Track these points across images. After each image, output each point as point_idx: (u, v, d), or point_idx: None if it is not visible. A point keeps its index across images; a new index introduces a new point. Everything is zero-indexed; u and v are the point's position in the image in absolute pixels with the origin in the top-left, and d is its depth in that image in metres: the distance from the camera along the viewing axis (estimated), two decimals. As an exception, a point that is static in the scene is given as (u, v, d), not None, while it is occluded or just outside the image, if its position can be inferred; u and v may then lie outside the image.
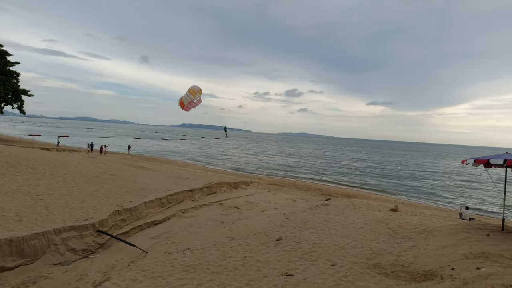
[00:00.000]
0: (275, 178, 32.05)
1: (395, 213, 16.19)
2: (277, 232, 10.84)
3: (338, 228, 11.61)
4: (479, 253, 6.89)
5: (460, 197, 28.69)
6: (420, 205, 23.28)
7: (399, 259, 8.12)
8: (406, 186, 33.84)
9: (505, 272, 5.60)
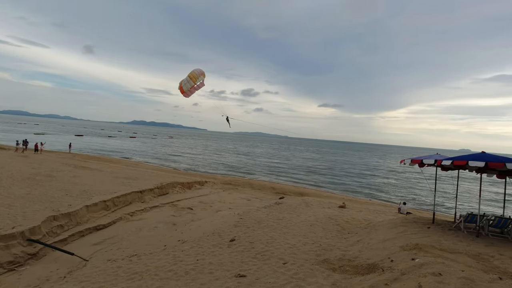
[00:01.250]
0: (230, 177, 31.90)
1: (343, 210, 17.15)
2: (230, 233, 10.71)
3: (290, 226, 11.88)
4: (414, 245, 7.56)
5: (399, 193, 31.60)
6: (365, 201, 25.03)
7: (346, 253, 8.56)
8: (353, 184, 36.21)
9: (435, 262, 6.21)
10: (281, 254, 8.52)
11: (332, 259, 8.13)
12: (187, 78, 14.97)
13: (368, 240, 9.64)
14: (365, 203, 23.09)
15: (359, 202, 23.76)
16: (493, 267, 6.19)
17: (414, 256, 6.74)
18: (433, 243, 7.71)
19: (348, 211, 16.68)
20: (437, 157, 9.36)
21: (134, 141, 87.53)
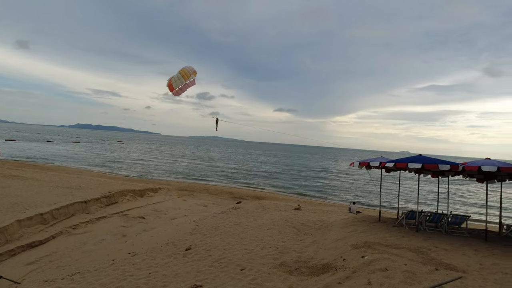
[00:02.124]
0: (186, 183, 30.93)
1: (299, 212, 17.66)
2: (186, 241, 10.30)
3: (248, 231, 11.85)
4: (363, 243, 8.03)
5: (350, 193, 33.62)
6: (319, 203, 26.10)
7: (302, 255, 8.77)
8: (308, 186, 37.60)
9: (382, 258, 6.65)
10: (239, 260, 8.42)
11: (288, 261, 8.26)
12: (178, 75, 13.91)
13: (322, 241, 10.01)
14: (319, 204, 24.06)
15: (314, 203, 24.68)
16: (430, 259, 6.83)
17: (363, 254, 7.14)
18: (380, 240, 8.28)
19: (303, 213, 17.21)
20: (382, 160, 10.14)
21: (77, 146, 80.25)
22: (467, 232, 10.02)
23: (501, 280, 5.74)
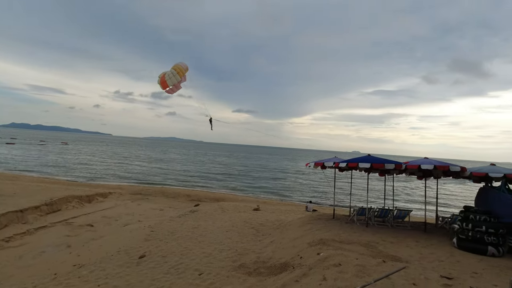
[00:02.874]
0: (140, 186, 29.37)
1: (258, 212, 17.81)
2: (140, 249, 9.75)
3: (206, 234, 11.61)
4: (319, 240, 8.34)
5: (306, 192, 34.87)
6: (278, 203, 26.62)
7: (260, 256, 8.83)
8: (267, 186, 38.15)
9: (336, 254, 6.97)
10: (197, 265, 8.20)
11: (247, 263, 8.26)
12: (172, 72, 12.68)
13: (280, 240, 10.20)
14: (277, 204, 24.52)
15: (272, 203, 25.10)
16: (378, 252, 7.34)
17: (319, 251, 7.42)
18: (334, 237, 8.69)
19: (262, 213, 17.39)
20: (335, 160, 10.68)
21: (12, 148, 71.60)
22: (410, 225, 10.98)
23: (437, 268, 6.37)
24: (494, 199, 8.68)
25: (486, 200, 9.00)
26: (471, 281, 5.71)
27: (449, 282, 5.55)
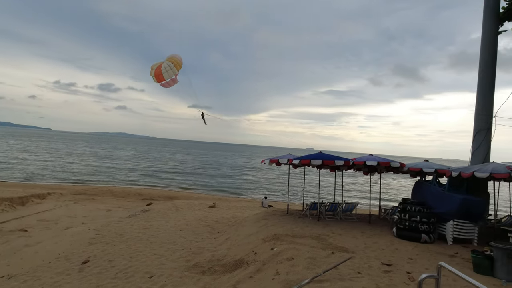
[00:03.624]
0: (85, 186, 27.13)
1: (213, 210, 17.61)
2: (83, 254, 8.99)
3: (159, 234, 11.14)
4: (273, 236, 8.51)
5: (263, 188, 35.45)
6: (234, 199, 26.64)
7: (215, 254, 8.73)
8: (223, 183, 37.94)
9: (289, 248, 7.17)
10: (147, 267, 7.82)
11: (202, 262, 8.10)
12: (169, 64, 11.81)
13: (235, 237, 10.20)
14: (234, 201, 24.53)
15: (229, 200, 25.05)
16: (328, 244, 7.73)
17: (273, 246, 7.57)
18: (287, 231, 8.93)
19: (218, 211, 17.24)
20: (289, 157, 10.99)
21: None
22: (357, 217, 11.77)
23: (379, 256, 6.90)
24: (427, 192, 9.69)
25: (420, 193, 10.01)
26: (407, 266, 6.29)
27: (389, 269, 6.05)
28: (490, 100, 9.53)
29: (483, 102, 9.54)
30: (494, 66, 9.54)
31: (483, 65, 9.58)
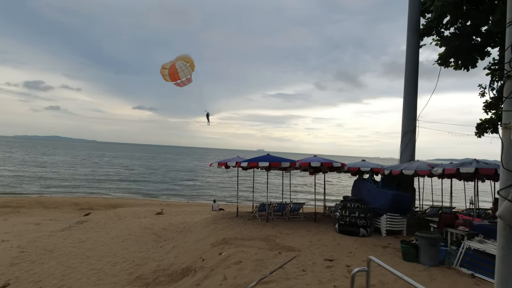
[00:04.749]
0: (8, 197, 23.70)
1: (161, 216, 16.80)
2: (2, 276, 7.80)
3: (97, 247, 10.22)
4: (222, 240, 8.41)
5: (213, 192, 34.93)
6: (184, 204, 25.74)
7: (161, 263, 8.30)
8: (172, 188, 36.47)
9: (237, 251, 7.14)
10: (83, 285, 7.10)
11: (146, 273, 7.63)
12: (184, 64, 11.67)
13: (183, 244, 9.84)
14: (183, 206, 23.74)
15: (178, 205, 24.14)
16: (276, 244, 7.89)
17: (221, 251, 7.46)
18: (236, 235, 8.91)
19: (165, 217, 16.50)
20: (238, 160, 11.02)
21: None
22: (303, 216, 12.26)
23: (323, 252, 7.27)
24: (364, 189, 10.53)
25: (358, 190, 10.83)
26: (347, 260, 6.72)
27: (331, 264, 6.40)
28: (414, 105, 10.76)
29: (408, 107, 10.73)
30: (416, 75, 10.81)
31: (407, 74, 10.79)
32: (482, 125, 11.26)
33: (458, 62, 10.72)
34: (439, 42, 10.73)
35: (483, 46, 10.43)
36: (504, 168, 2.41)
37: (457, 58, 10.64)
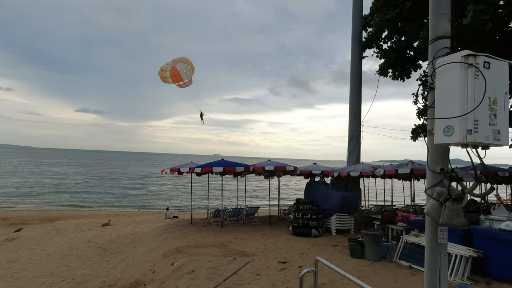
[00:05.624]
0: None
1: (108, 228, 15.61)
2: None
3: (30, 266, 9.10)
4: (174, 249, 8.07)
5: (167, 199, 33.49)
6: (135, 213, 24.25)
7: (106, 279, 7.68)
8: (123, 196, 34.15)
9: (190, 260, 6.90)
10: (10, 312, 6.24)
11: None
12: (186, 66, 11.98)
13: (132, 256, 9.24)
14: (134, 215, 22.38)
15: (128, 215, 22.69)
16: (230, 250, 7.81)
17: (173, 261, 7.15)
18: (190, 243, 8.62)
19: (113, 228, 15.38)
20: (191, 165, 10.74)
21: None
22: (259, 220, 12.36)
23: (277, 255, 7.38)
24: (315, 191, 10.99)
25: (310, 192, 11.27)
26: (299, 261, 6.91)
27: (284, 266, 6.52)
28: (359, 111, 11.59)
29: (353, 113, 11.52)
30: (360, 83, 11.67)
31: (352, 82, 11.61)
32: (416, 130, 12.52)
33: (395, 73, 11.81)
34: (379, 54, 11.74)
35: (415, 59, 11.67)
36: (429, 169, 2.68)
37: (394, 69, 11.72)
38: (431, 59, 2.65)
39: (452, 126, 2.34)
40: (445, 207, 2.48)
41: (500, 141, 2.38)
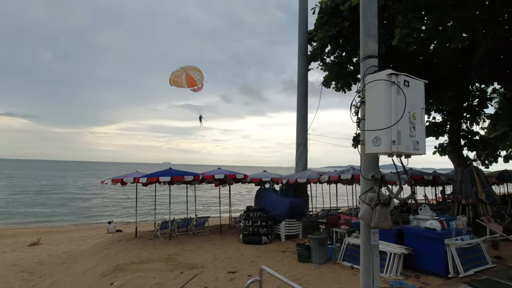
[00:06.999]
0: None
1: (36, 248, 13.83)
2: None
3: None
4: (115, 267, 7.43)
5: (109, 212, 30.92)
6: (71, 229, 21.89)
7: (31, 308, 6.74)
8: (55, 211, 30.60)
9: (132, 278, 6.42)
10: None
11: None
12: (198, 73, 12.37)
13: (65, 279, 8.28)
14: (69, 231, 20.21)
15: (62, 231, 20.39)
16: (178, 263, 7.46)
17: (113, 280, 6.58)
18: (133, 259, 8.04)
19: (43, 248, 13.68)
20: (136, 175, 10.11)
21: None
22: (209, 230, 12.07)
23: (227, 265, 7.25)
24: (265, 198, 11.15)
25: (260, 200, 11.40)
26: (249, 270, 6.89)
27: (234, 276, 6.44)
28: (305, 120, 12.18)
29: (300, 121, 12.07)
30: (307, 93, 12.30)
31: (299, 92, 12.19)
32: (357, 138, 13.58)
33: (338, 85, 12.73)
34: (323, 67, 12.54)
35: (355, 73, 12.73)
36: (362, 176, 2.91)
37: (337, 81, 12.62)
38: (362, 76, 2.89)
39: (380, 137, 2.57)
40: (376, 211, 2.70)
41: (419, 150, 2.68)
